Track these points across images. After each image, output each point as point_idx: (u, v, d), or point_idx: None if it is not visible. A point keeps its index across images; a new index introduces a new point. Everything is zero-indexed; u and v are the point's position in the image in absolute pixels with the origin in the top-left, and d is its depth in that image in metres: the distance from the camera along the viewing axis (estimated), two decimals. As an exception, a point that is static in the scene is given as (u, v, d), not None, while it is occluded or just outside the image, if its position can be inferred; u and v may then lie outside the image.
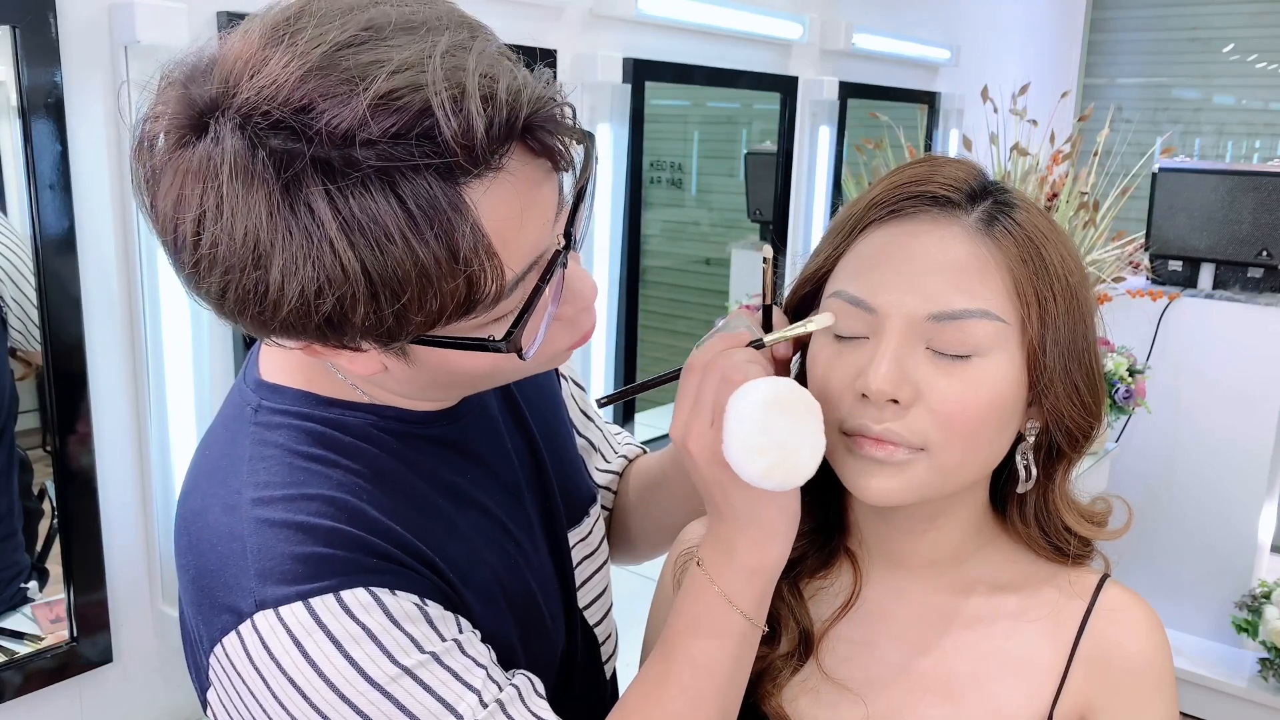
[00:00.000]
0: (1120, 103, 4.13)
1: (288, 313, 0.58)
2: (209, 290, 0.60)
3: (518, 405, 0.89)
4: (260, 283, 0.58)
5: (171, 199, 0.59)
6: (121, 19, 1.29)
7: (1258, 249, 2.82)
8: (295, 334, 0.62)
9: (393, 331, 0.60)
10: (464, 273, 0.59)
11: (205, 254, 0.58)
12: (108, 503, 1.40)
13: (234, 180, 0.56)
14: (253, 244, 0.57)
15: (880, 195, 0.77)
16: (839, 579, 0.85)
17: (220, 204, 0.57)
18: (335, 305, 0.58)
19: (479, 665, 0.69)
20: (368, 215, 0.56)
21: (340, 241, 0.56)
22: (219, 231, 0.57)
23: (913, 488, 0.73)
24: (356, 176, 0.56)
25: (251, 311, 0.59)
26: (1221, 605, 2.94)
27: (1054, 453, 0.79)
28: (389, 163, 0.56)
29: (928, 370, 0.72)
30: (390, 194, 0.56)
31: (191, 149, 0.58)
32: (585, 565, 0.93)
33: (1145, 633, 0.80)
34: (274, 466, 0.71)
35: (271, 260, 0.57)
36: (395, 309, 0.58)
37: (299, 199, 0.56)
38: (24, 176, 1.24)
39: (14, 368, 1.32)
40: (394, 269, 0.57)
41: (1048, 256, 0.73)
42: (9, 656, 1.35)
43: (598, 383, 2.18)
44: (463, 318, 0.62)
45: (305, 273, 0.57)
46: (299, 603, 0.65)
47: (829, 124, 2.69)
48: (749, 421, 0.68)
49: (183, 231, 0.59)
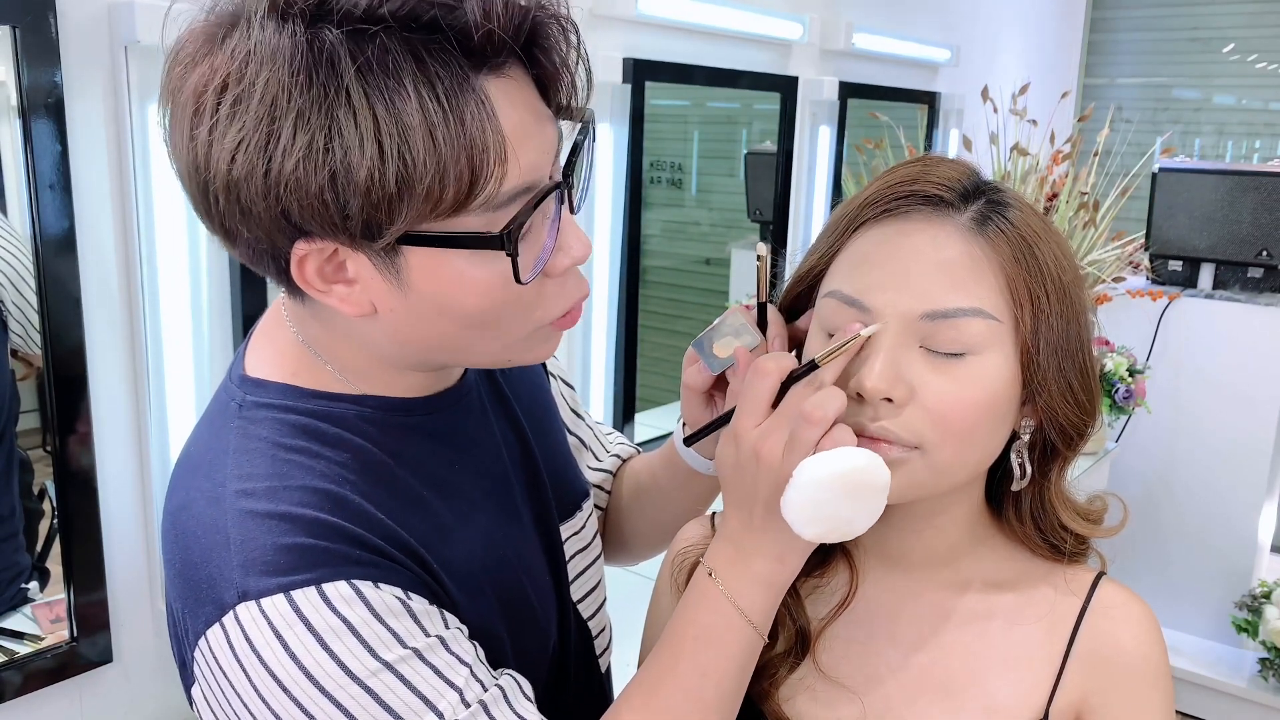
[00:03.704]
0: (1120, 103, 4.13)
1: (292, 168, 0.60)
2: (217, 161, 0.62)
3: (506, 399, 0.89)
4: (272, 137, 0.60)
5: (195, 82, 0.62)
6: (121, 19, 1.29)
7: (1258, 249, 2.82)
8: (292, 208, 0.62)
9: (391, 203, 0.61)
10: (469, 151, 0.62)
11: (223, 117, 0.61)
12: (108, 503, 1.40)
13: (259, 50, 0.60)
14: (270, 100, 0.59)
15: (874, 195, 0.77)
16: (835, 577, 0.85)
17: (242, 75, 0.60)
18: (343, 159, 0.60)
19: (463, 663, 0.69)
20: (387, 74, 0.60)
21: (357, 94, 0.59)
22: (240, 91, 0.60)
23: (908, 486, 0.73)
24: (382, 41, 0.60)
25: (259, 173, 0.61)
26: (1221, 605, 2.94)
27: (1049, 451, 0.79)
28: (417, 35, 0.60)
29: (922, 369, 0.72)
30: (412, 59, 0.60)
31: (220, 47, 0.62)
32: (579, 559, 0.93)
33: (1141, 628, 0.80)
34: (257, 459, 0.71)
35: (286, 114, 0.59)
36: (399, 171, 0.60)
37: (320, 54, 0.59)
38: (24, 176, 1.24)
39: (14, 368, 1.32)
40: (403, 129, 0.60)
41: (1041, 255, 0.73)
42: (9, 656, 1.35)
43: (598, 382, 2.18)
44: (462, 208, 0.63)
45: (318, 122, 0.59)
46: (280, 595, 0.65)
47: (829, 124, 2.69)
48: (823, 491, 0.69)
49: (203, 103, 0.62)
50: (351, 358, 0.75)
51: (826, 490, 0.68)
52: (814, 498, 0.69)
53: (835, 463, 0.68)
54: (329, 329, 0.74)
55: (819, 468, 0.68)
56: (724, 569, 0.74)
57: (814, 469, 0.68)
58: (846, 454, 0.68)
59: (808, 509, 0.69)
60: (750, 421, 0.73)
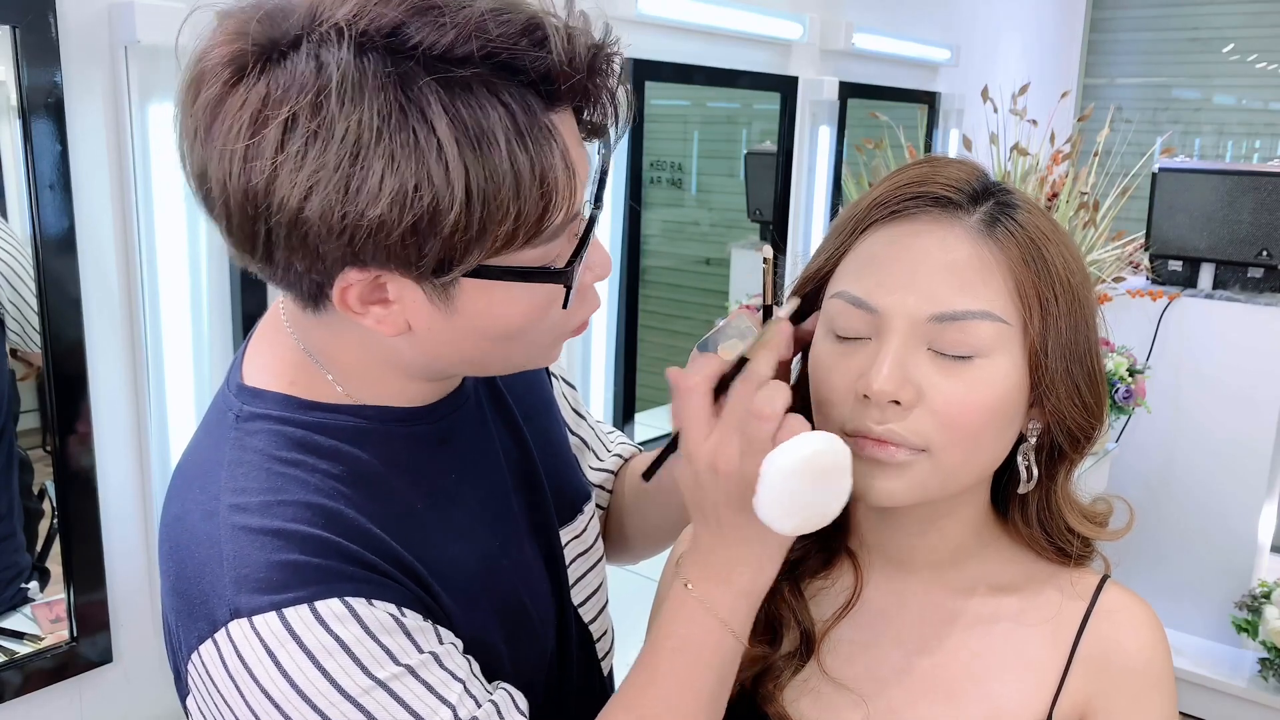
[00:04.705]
0: (1120, 103, 4.13)
1: (378, 213, 0.59)
2: (285, 199, 0.59)
3: (506, 404, 0.89)
4: (356, 179, 0.58)
5: (252, 104, 0.59)
6: (121, 19, 1.29)
7: (1258, 249, 2.82)
8: (366, 248, 0.61)
9: (469, 245, 0.61)
10: (545, 192, 0.62)
11: (293, 152, 0.58)
12: (108, 503, 1.40)
13: (343, 86, 0.58)
14: (353, 139, 0.58)
15: (882, 196, 0.77)
16: (840, 579, 0.85)
17: (319, 106, 0.58)
18: (430, 204, 0.59)
19: (456, 679, 0.69)
20: (476, 119, 0.59)
21: (447, 138, 0.59)
22: (316, 126, 0.58)
23: (914, 489, 0.73)
24: (467, 82, 0.59)
25: (335, 214, 0.59)
26: (1221, 605, 2.94)
27: (1055, 453, 0.79)
28: (496, 75, 0.60)
29: (929, 371, 0.72)
30: (498, 102, 0.60)
31: (277, 67, 0.59)
32: (579, 563, 0.93)
33: (1145, 632, 0.80)
34: (252, 472, 0.71)
35: (373, 157, 0.58)
36: (482, 216, 0.60)
37: (410, 97, 0.58)
38: (24, 176, 1.24)
39: (14, 368, 1.32)
40: (491, 173, 0.60)
41: (1050, 257, 0.73)
42: (9, 656, 1.35)
43: (597, 382, 2.18)
44: (529, 242, 0.64)
45: (407, 167, 0.58)
46: (272, 613, 0.65)
47: (829, 124, 2.68)
48: (792, 481, 0.68)
49: (264, 132, 0.59)
50: (355, 364, 0.74)
51: (796, 480, 0.68)
52: (786, 489, 0.68)
53: (799, 450, 0.68)
54: (335, 335, 0.73)
55: (785, 458, 0.68)
56: (703, 583, 0.73)
57: (780, 461, 0.68)
58: (806, 440, 0.68)
59: (783, 502, 0.69)
60: (698, 436, 0.71)
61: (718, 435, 0.71)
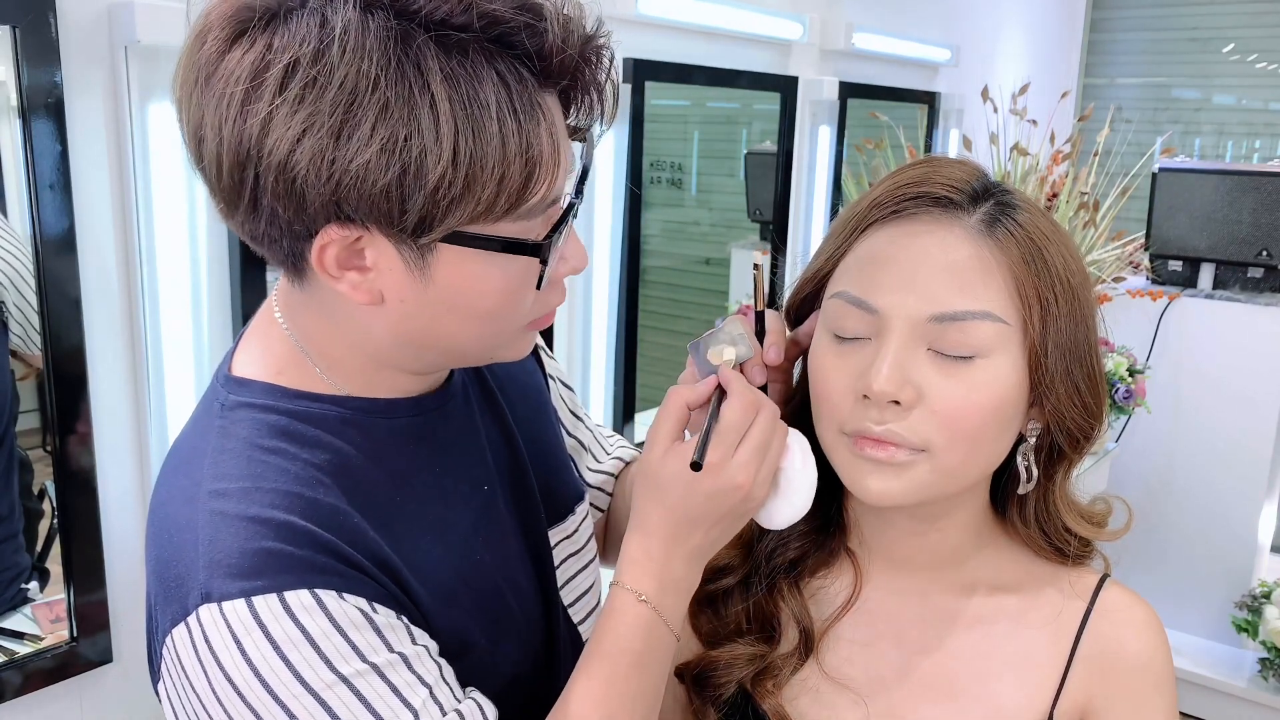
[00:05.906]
0: (1120, 103, 4.13)
1: (366, 159, 0.60)
2: (278, 140, 0.61)
3: (497, 402, 0.88)
4: (349, 125, 0.60)
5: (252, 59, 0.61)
6: (121, 19, 1.29)
7: (1258, 249, 2.82)
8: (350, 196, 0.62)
9: (453, 203, 0.62)
10: (530, 160, 0.64)
11: (291, 97, 0.60)
12: (108, 503, 1.40)
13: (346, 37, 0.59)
14: (350, 87, 0.59)
15: (882, 196, 0.77)
16: (839, 579, 0.85)
17: (320, 55, 0.59)
18: (419, 156, 0.60)
19: (423, 683, 0.68)
20: (470, 82, 0.61)
21: (441, 95, 0.60)
22: (316, 73, 0.59)
23: (914, 489, 0.73)
24: (465, 47, 0.61)
25: (325, 158, 0.60)
26: (1221, 605, 2.94)
27: (1055, 454, 0.79)
28: (493, 46, 0.62)
29: (929, 371, 0.72)
30: (493, 71, 0.62)
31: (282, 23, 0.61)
32: (569, 563, 0.92)
33: (1145, 632, 0.80)
34: (234, 459, 0.71)
35: (368, 104, 0.59)
36: (467, 175, 0.62)
37: (409, 55, 0.60)
38: (24, 176, 1.24)
39: (14, 368, 1.32)
40: (479, 133, 0.61)
41: (1050, 258, 0.73)
42: (9, 656, 1.35)
43: (598, 382, 2.18)
44: (509, 212, 0.65)
45: (400, 117, 0.60)
46: (241, 600, 0.65)
47: (829, 124, 2.68)
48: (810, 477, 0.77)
49: (264, 80, 0.60)
50: (341, 353, 0.75)
51: (811, 477, 0.77)
52: (809, 483, 0.77)
53: (804, 448, 0.76)
54: (324, 319, 0.73)
55: (807, 462, 0.76)
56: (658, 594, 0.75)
57: (807, 467, 0.76)
58: (796, 437, 0.77)
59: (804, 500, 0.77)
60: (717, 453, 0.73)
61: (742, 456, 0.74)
